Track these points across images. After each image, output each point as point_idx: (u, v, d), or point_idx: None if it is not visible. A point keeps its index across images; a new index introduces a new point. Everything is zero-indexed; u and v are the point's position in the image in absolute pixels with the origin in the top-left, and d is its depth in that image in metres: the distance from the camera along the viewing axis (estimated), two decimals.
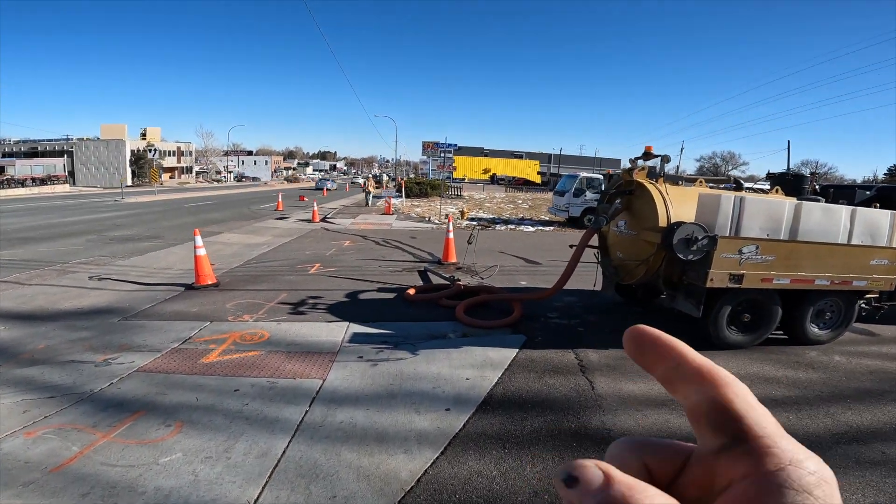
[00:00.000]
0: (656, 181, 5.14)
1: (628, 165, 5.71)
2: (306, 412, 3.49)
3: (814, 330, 5.31)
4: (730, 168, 63.64)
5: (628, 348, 0.29)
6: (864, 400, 4.00)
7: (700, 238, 4.41)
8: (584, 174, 17.59)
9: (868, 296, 5.50)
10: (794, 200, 5.04)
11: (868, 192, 6.42)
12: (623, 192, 5.36)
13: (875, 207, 5.40)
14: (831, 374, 4.58)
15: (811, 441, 3.28)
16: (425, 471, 2.77)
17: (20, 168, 38.64)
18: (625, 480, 0.22)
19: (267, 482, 2.68)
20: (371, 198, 23.79)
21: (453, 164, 19.72)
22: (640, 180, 5.16)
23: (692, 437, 0.27)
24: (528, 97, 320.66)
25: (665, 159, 5.13)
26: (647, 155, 5.23)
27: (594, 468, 0.23)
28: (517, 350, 4.79)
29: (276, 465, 2.84)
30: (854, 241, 4.87)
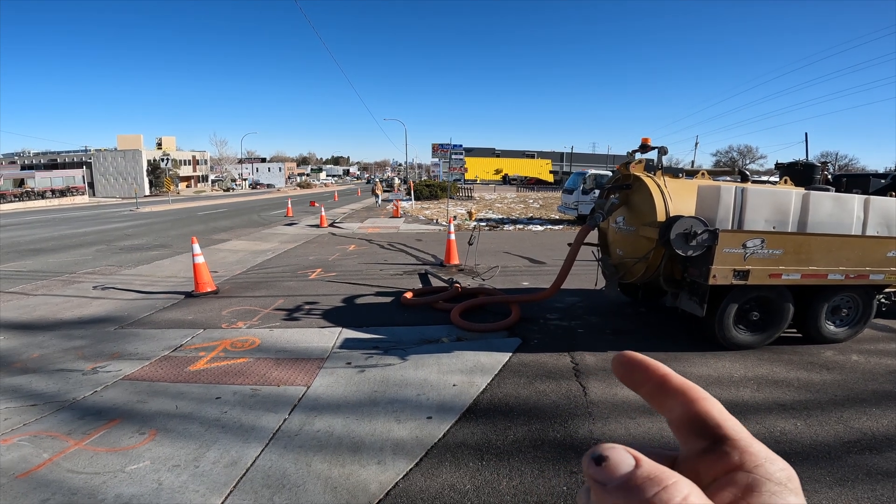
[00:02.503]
0: (654, 174, 4.91)
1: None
2: (284, 420, 3.38)
3: (829, 327, 5.00)
4: (747, 162, 62.07)
5: (617, 372, 0.32)
6: (881, 403, 3.71)
7: (699, 232, 4.18)
8: (592, 171, 17.24)
9: (887, 290, 5.18)
10: (801, 190, 4.75)
11: (883, 181, 6.06)
12: (620, 186, 5.15)
13: (891, 196, 5.08)
14: (847, 375, 4.29)
15: (819, 450, 3.04)
16: (396, 483, 2.63)
17: (40, 180, 39.67)
18: (651, 462, 0.24)
19: (231, 492, 2.58)
20: (379, 200, 24.16)
21: (464, 166, 19.59)
22: (637, 174, 4.94)
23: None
24: (540, 96, 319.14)
25: (662, 151, 4.90)
26: (644, 147, 5.01)
27: (623, 451, 0.25)
28: (510, 354, 4.61)
29: (244, 474, 2.74)
30: (869, 233, 4.56)
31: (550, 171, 60.64)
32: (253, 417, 3.42)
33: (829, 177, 5.90)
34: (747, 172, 5.87)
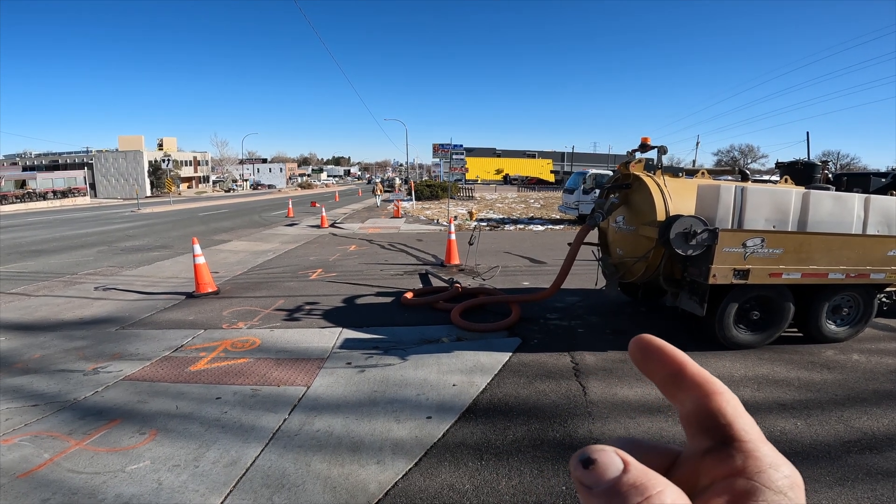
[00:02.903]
0: (654, 173, 4.91)
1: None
2: (284, 420, 3.39)
3: (830, 327, 4.99)
4: (749, 161, 61.97)
5: (634, 357, 0.30)
6: (882, 403, 3.70)
7: (699, 232, 4.18)
8: (593, 171, 17.23)
9: (888, 289, 5.16)
10: (801, 189, 4.75)
11: (884, 180, 6.04)
12: (620, 185, 5.15)
13: (892, 195, 5.07)
14: (848, 374, 4.28)
15: (819, 450, 3.04)
16: (395, 483, 2.63)
17: (41, 181, 39.76)
18: (640, 468, 0.23)
19: (230, 492, 2.59)
20: (379, 200, 24.49)
21: (465, 166, 19.53)
22: (637, 173, 4.94)
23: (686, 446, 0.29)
24: (541, 95, 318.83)
25: (662, 150, 4.90)
26: (644, 146, 5.01)
27: (612, 453, 0.24)
28: (510, 354, 4.61)
29: (244, 474, 2.75)
30: (869, 231, 4.55)
31: (551, 171, 60.59)
32: (253, 417, 3.42)
33: (830, 176, 5.89)
34: (747, 171, 5.86)
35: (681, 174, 5.12)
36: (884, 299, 5.27)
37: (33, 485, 2.64)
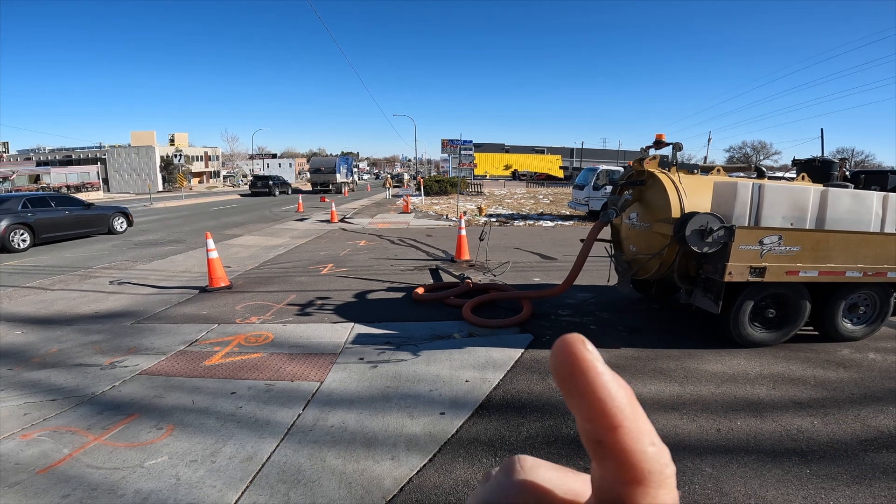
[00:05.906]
0: (669, 170, 4.86)
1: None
2: (299, 415, 3.42)
3: (846, 325, 4.93)
4: (761, 158, 61.09)
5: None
6: None
7: (715, 229, 4.13)
8: (603, 167, 17.10)
9: None
10: (819, 187, 4.68)
11: None
12: (634, 182, 5.10)
13: None
14: (864, 373, 4.23)
15: (836, 448, 3.01)
16: (410, 479, 2.65)
17: (55, 176, 40.18)
18: None
19: (247, 487, 2.62)
20: (388, 193, 24.79)
21: (474, 162, 19.47)
22: (651, 170, 4.89)
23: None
24: (550, 90, 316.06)
25: (677, 147, 4.84)
26: (659, 143, 4.96)
27: None
28: (522, 350, 4.61)
29: (260, 469, 2.78)
30: (887, 230, 4.48)
31: (560, 167, 60.26)
32: (268, 412, 3.46)
33: (847, 173, 5.78)
34: (763, 168, 5.78)
35: (696, 171, 5.06)
36: None
37: (53, 480, 2.68)
